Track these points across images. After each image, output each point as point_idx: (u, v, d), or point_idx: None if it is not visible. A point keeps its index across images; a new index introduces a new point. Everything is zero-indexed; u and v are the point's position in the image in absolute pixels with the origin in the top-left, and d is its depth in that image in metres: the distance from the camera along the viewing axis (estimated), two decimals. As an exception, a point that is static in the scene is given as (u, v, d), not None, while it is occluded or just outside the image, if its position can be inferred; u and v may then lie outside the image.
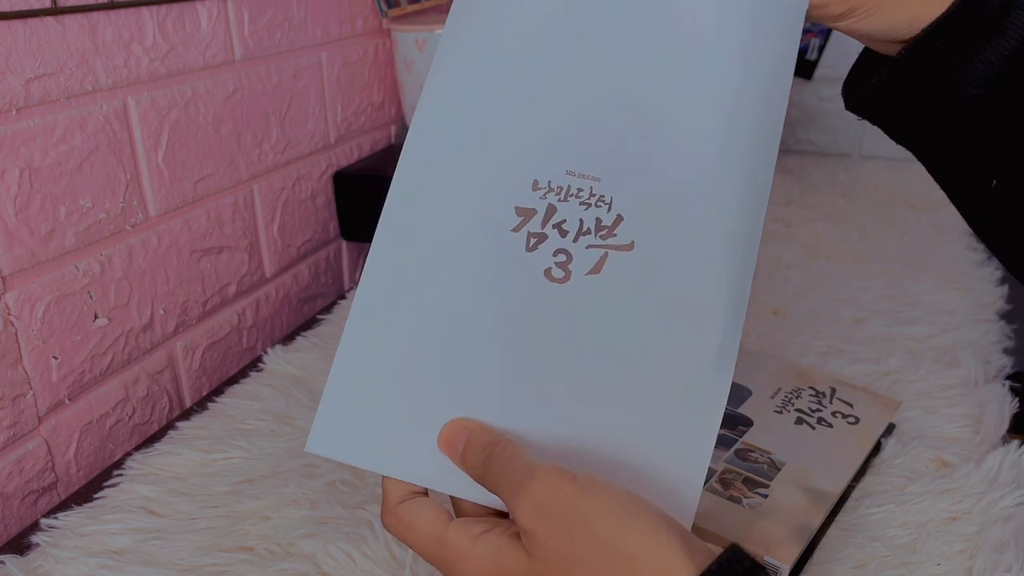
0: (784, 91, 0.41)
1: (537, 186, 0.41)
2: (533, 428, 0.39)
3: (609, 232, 0.40)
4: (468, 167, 0.42)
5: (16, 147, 0.59)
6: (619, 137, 0.41)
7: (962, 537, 0.50)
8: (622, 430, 0.39)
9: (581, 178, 0.41)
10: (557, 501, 0.33)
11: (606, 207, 0.40)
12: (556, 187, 0.41)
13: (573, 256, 0.40)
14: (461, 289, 0.40)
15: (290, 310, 0.92)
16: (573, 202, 0.40)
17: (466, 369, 0.40)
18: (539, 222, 0.40)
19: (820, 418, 0.59)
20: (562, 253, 0.40)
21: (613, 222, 0.40)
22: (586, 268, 0.40)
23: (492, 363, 0.40)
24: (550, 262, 0.40)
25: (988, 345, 0.72)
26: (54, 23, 0.60)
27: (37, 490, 0.63)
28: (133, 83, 0.68)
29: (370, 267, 0.42)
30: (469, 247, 0.41)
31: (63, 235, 0.63)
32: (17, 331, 0.60)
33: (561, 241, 0.40)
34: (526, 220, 0.40)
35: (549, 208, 0.40)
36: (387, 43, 1.04)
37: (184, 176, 0.74)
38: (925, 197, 1.10)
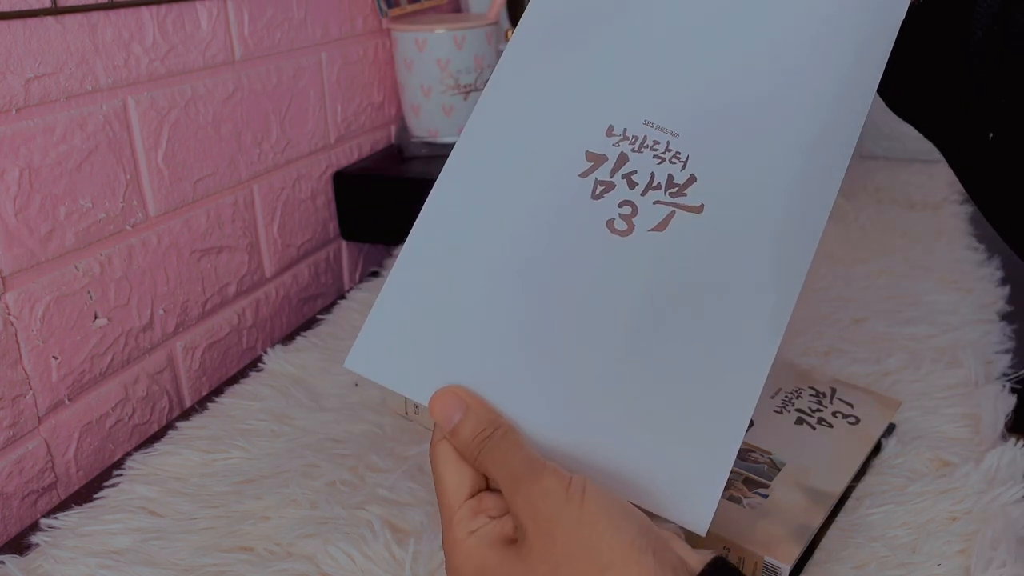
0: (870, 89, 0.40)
1: (612, 132, 0.40)
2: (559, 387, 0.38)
3: (680, 191, 0.39)
4: (545, 106, 0.41)
5: (16, 147, 0.59)
6: (706, 98, 0.40)
7: (962, 537, 0.50)
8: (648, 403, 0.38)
9: (659, 131, 0.39)
10: (549, 504, 0.34)
11: (680, 164, 0.39)
12: (631, 136, 0.39)
13: (639, 209, 0.39)
14: (520, 229, 0.40)
15: (290, 310, 0.92)
16: (647, 154, 0.39)
17: (511, 315, 0.39)
18: (608, 170, 0.39)
19: (820, 418, 0.59)
20: (627, 205, 0.39)
21: (686, 181, 0.39)
22: (651, 224, 0.38)
23: (539, 312, 0.39)
24: (614, 213, 0.39)
25: (988, 345, 0.72)
26: (54, 23, 0.60)
27: (37, 490, 0.63)
28: (133, 83, 0.68)
29: (435, 193, 0.41)
30: (533, 187, 0.40)
31: (63, 235, 0.63)
32: (17, 331, 0.60)
33: (629, 193, 0.39)
34: (595, 166, 0.39)
35: (620, 156, 0.39)
36: (387, 43, 1.04)
37: (184, 176, 0.74)
38: (925, 197, 1.10)
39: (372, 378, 0.40)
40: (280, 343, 0.77)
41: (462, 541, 0.36)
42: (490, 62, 1.00)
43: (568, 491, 0.34)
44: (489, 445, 0.36)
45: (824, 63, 0.40)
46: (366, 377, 0.40)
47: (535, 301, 0.39)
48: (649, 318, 0.38)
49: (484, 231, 0.40)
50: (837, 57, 0.40)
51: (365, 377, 0.40)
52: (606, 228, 0.39)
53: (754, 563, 0.48)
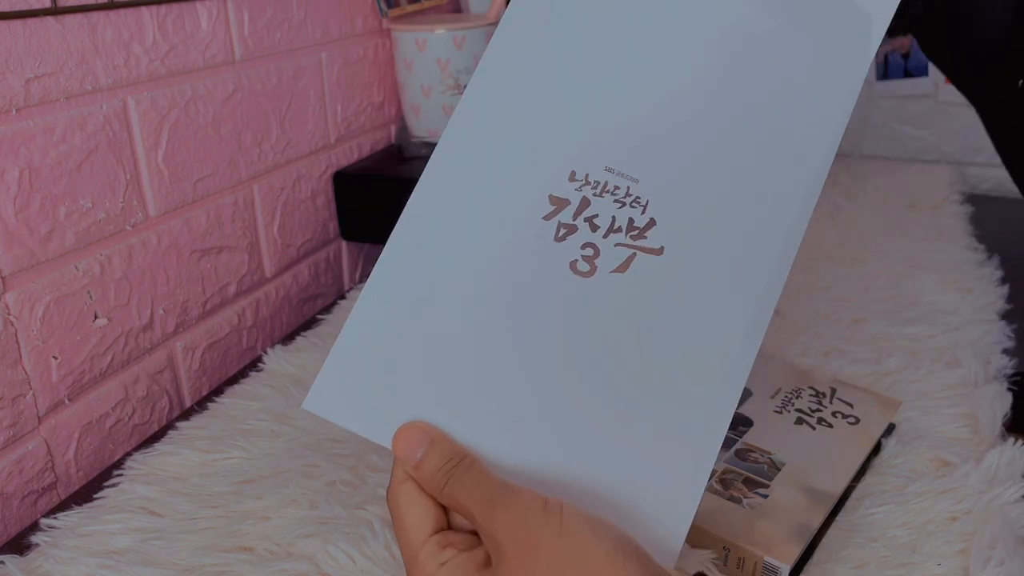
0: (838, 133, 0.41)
1: (574, 177, 0.41)
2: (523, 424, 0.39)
3: (640, 234, 0.40)
4: (508, 150, 0.42)
5: (16, 147, 0.59)
6: (666, 145, 0.41)
7: (962, 537, 0.50)
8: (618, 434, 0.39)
9: (620, 176, 0.41)
10: (530, 520, 0.34)
11: (640, 208, 0.40)
12: (593, 181, 0.41)
13: (600, 251, 0.40)
14: (484, 270, 0.40)
15: (290, 310, 0.92)
16: (608, 198, 0.40)
17: (476, 352, 0.39)
18: (571, 213, 0.40)
19: (820, 418, 0.59)
20: (590, 247, 0.40)
21: (646, 224, 0.40)
22: (612, 266, 0.40)
23: (503, 349, 0.39)
24: (577, 255, 0.40)
25: (988, 345, 0.72)
26: (54, 23, 0.60)
27: (37, 490, 0.63)
28: (133, 83, 0.68)
29: (397, 232, 0.41)
30: (497, 229, 0.41)
31: (63, 235, 0.63)
32: (17, 331, 0.60)
33: (591, 235, 0.40)
34: (558, 210, 0.41)
35: (583, 201, 0.40)
36: (387, 43, 1.04)
37: (184, 176, 0.74)
38: (925, 197, 1.10)
39: (333, 420, 0.40)
40: (280, 343, 0.77)
41: (433, 574, 0.36)
42: (490, 62, 1.00)
43: (546, 507, 0.34)
44: (457, 474, 0.36)
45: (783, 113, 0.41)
46: (327, 419, 0.40)
47: (499, 341, 0.40)
48: (612, 357, 0.39)
49: (448, 271, 0.41)
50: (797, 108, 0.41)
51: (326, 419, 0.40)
52: (569, 269, 0.40)
53: (754, 563, 0.48)
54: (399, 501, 0.38)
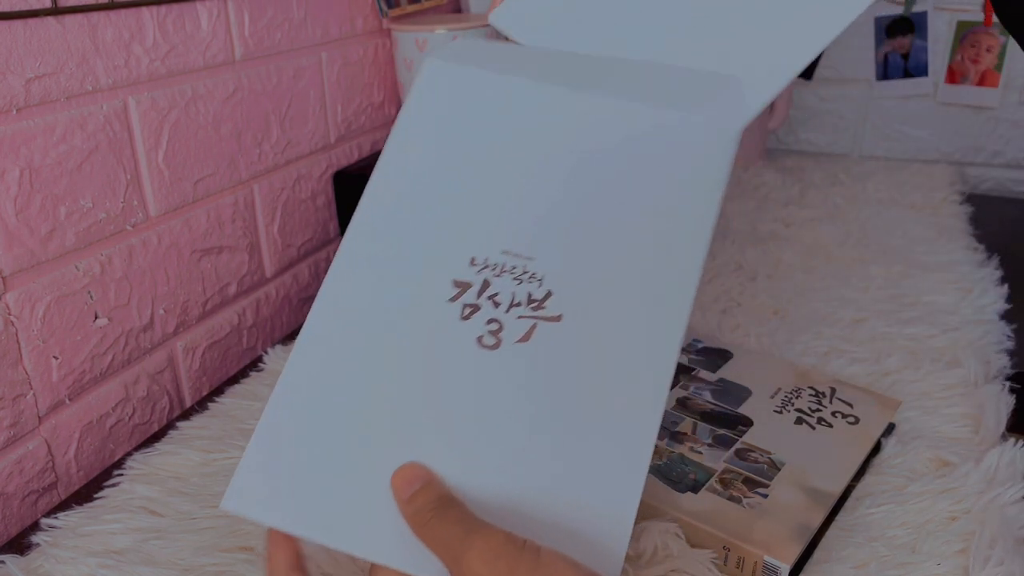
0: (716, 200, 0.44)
1: (474, 262, 0.44)
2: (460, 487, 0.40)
3: (539, 305, 0.43)
4: (411, 241, 0.45)
5: (16, 147, 0.59)
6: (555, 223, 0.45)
7: (962, 537, 0.50)
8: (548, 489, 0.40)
9: (515, 257, 0.45)
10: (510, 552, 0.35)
11: (537, 283, 0.44)
12: (492, 264, 0.44)
13: (504, 325, 0.43)
14: (396, 354, 0.43)
15: (290, 310, 0.92)
16: (506, 277, 0.44)
17: (395, 432, 0.41)
18: (474, 294, 0.44)
19: (820, 418, 0.59)
20: (494, 322, 0.43)
21: (543, 296, 0.43)
22: (516, 336, 0.43)
23: (422, 427, 0.41)
24: (483, 330, 0.43)
25: (988, 345, 0.72)
26: (54, 23, 0.60)
27: (37, 490, 0.63)
28: (133, 83, 0.68)
29: (310, 325, 0.44)
30: (406, 316, 0.43)
31: (63, 235, 0.63)
32: (17, 331, 0.60)
33: (494, 311, 0.43)
34: (462, 292, 0.44)
35: (484, 282, 0.44)
36: (387, 43, 1.04)
37: (184, 176, 0.74)
38: (925, 197, 1.10)
39: (255, 518, 0.41)
40: (280, 343, 0.77)
41: None
42: (490, 62, 1.00)
43: (525, 545, 0.35)
44: (440, 510, 0.38)
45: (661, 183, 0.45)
46: (250, 519, 0.41)
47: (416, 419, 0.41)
48: (525, 424, 0.41)
49: (361, 358, 0.43)
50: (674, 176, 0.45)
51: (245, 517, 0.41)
52: (476, 344, 0.43)
53: (754, 563, 0.48)
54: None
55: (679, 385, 0.63)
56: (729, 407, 0.60)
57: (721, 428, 0.58)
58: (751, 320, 0.77)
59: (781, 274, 0.88)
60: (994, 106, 1.25)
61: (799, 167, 1.26)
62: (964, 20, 1.23)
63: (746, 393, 0.62)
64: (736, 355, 0.67)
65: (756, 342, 0.74)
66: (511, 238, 0.45)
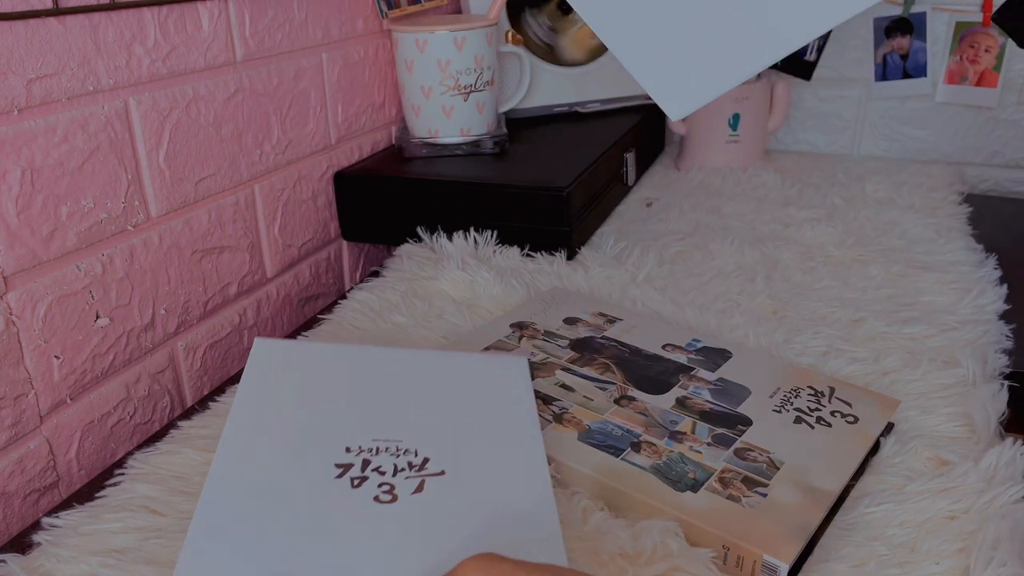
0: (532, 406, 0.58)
1: (350, 449, 0.52)
2: None
3: (422, 467, 0.51)
4: (284, 448, 0.51)
5: (18, 147, 0.59)
6: (415, 413, 0.56)
7: (961, 536, 0.50)
8: None
9: (386, 441, 0.53)
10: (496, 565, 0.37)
11: (412, 453, 0.52)
12: (366, 448, 0.52)
13: (396, 485, 0.49)
14: (296, 522, 0.46)
15: (291, 310, 0.92)
16: (384, 455, 0.52)
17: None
18: (359, 469, 0.50)
19: (819, 417, 0.59)
20: (385, 485, 0.49)
21: (422, 461, 0.52)
22: (410, 490, 0.49)
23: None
24: (376, 491, 0.49)
25: (986, 345, 0.72)
26: (56, 24, 0.61)
27: (39, 489, 0.63)
28: (134, 83, 0.68)
29: (201, 518, 0.47)
30: (299, 492, 0.48)
31: (65, 235, 0.63)
32: (19, 331, 0.60)
33: (381, 478, 0.50)
34: (346, 470, 0.50)
35: (364, 461, 0.51)
36: (387, 44, 1.04)
37: (185, 176, 0.74)
38: (924, 197, 1.10)
39: None
40: (281, 343, 0.77)
41: None
42: (490, 63, 1.01)
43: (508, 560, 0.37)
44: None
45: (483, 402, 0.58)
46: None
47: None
48: (433, 562, 0.45)
49: (260, 534, 0.46)
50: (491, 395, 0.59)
51: None
52: (374, 502, 0.48)
53: (753, 562, 0.48)
54: None
55: (678, 384, 0.63)
56: (728, 406, 0.60)
57: (720, 427, 0.58)
58: (750, 320, 0.77)
59: (780, 274, 0.88)
60: (993, 106, 1.25)
61: (798, 167, 1.26)
62: (963, 21, 1.24)
63: (745, 392, 0.62)
64: (735, 355, 0.67)
65: (755, 342, 0.74)
66: (377, 426, 0.54)
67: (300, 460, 0.50)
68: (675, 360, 0.67)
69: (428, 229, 0.92)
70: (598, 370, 0.65)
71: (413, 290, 0.83)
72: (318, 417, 0.54)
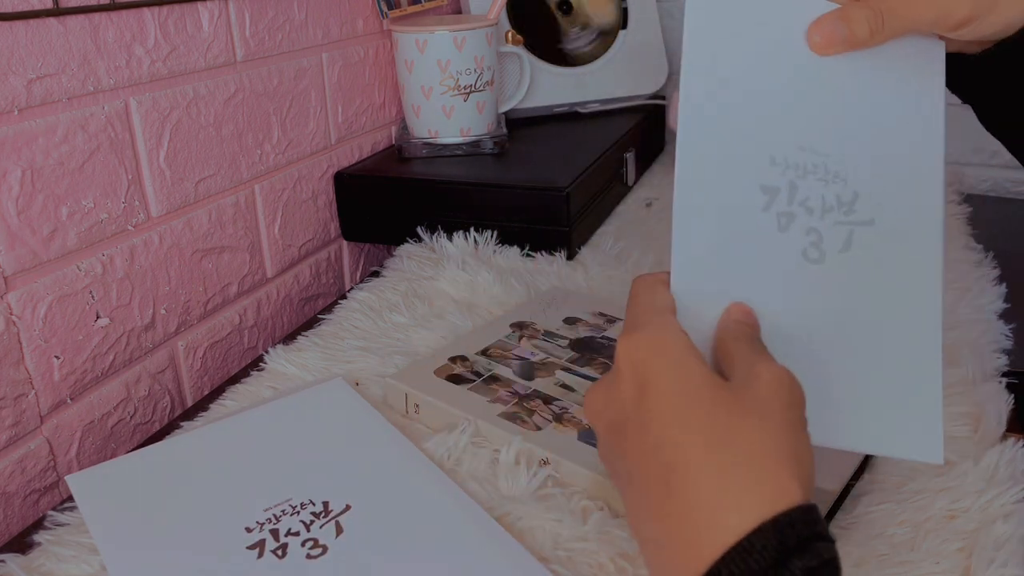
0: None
1: (250, 529, 0.49)
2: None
3: (326, 512, 0.49)
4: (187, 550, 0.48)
5: (18, 147, 0.59)
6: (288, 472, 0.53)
7: (961, 535, 0.50)
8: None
9: (279, 505, 0.50)
10: (785, 388, 0.37)
11: (311, 504, 0.50)
12: (264, 520, 0.49)
13: (318, 538, 0.48)
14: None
15: (291, 310, 0.92)
16: (286, 517, 0.49)
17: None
18: (273, 541, 0.48)
19: (819, 417, 0.59)
20: (309, 541, 0.47)
21: (324, 507, 0.50)
22: (332, 536, 0.48)
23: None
24: (304, 551, 0.47)
25: (986, 344, 0.72)
26: (56, 24, 0.61)
27: (39, 489, 0.63)
28: (135, 84, 0.68)
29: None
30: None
31: (65, 235, 0.63)
32: (19, 331, 0.60)
33: (300, 537, 0.48)
34: (261, 547, 0.48)
35: (272, 531, 0.48)
36: (387, 44, 1.04)
37: (186, 176, 0.74)
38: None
39: None
40: (281, 343, 0.77)
41: (672, 325, 0.40)
42: (490, 63, 1.01)
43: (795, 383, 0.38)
44: (750, 336, 0.41)
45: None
46: None
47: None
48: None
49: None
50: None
51: None
52: (307, 560, 0.47)
53: (753, 561, 0.48)
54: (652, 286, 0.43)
55: (679, 384, 0.63)
56: (729, 406, 0.60)
57: (721, 427, 0.58)
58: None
59: (780, 274, 0.88)
60: (993, 106, 1.25)
61: (798, 167, 1.26)
62: (963, 21, 1.23)
63: (746, 392, 0.62)
64: (736, 354, 0.67)
65: (755, 342, 0.74)
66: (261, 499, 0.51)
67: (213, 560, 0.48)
68: (675, 360, 0.67)
69: (428, 229, 0.92)
70: (598, 370, 0.65)
71: (413, 290, 0.83)
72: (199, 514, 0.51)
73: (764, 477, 0.34)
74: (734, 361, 0.39)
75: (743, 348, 0.40)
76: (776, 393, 0.37)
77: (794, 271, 0.43)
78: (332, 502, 0.51)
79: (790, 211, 0.42)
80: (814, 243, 0.42)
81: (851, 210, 0.43)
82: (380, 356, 0.71)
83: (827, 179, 0.43)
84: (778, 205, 0.43)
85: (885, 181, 0.44)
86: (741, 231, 0.43)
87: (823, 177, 0.43)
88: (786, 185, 0.43)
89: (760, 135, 0.43)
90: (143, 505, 0.53)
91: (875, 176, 0.44)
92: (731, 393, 0.37)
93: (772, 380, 0.37)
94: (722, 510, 0.33)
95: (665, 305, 0.41)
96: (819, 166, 0.43)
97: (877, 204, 0.43)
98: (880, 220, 0.43)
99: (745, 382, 0.37)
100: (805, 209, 0.42)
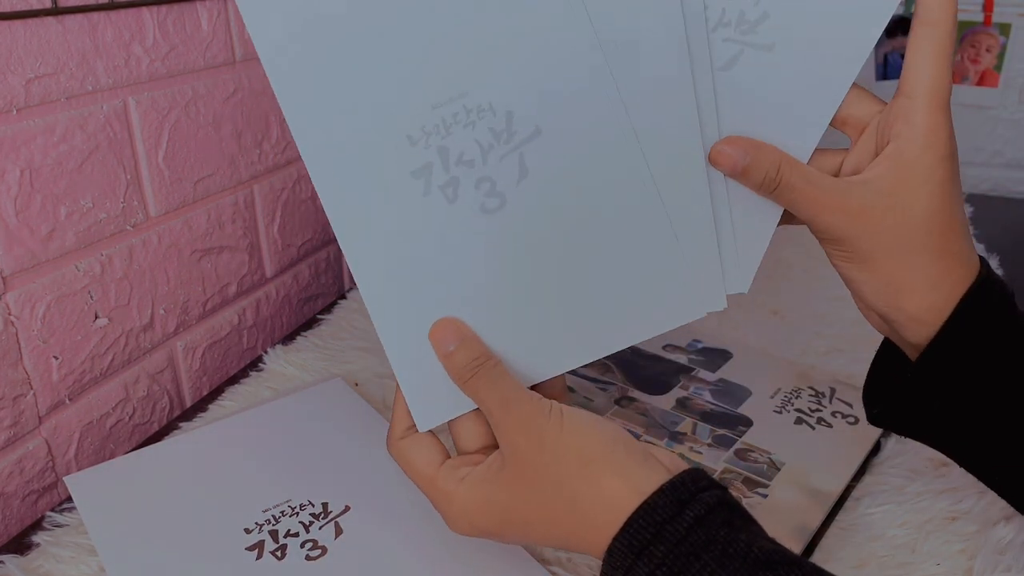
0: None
1: (249, 531, 0.49)
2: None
3: (325, 512, 0.49)
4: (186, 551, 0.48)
5: (17, 147, 0.59)
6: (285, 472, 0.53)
7: (961, 536, 0.50)
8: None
9: (278, 507, 0.50)
10: (538, 420, 0.39)
11: (310, 504, 0.51)
12: (263, 521, 0.49)
13: (317, 539, 0.48)
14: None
15: (290, 310, 0.92)
16: (285, 519, 0.49)
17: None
18: (272, 542, 0.48)
19: (820, 418, 0.59)
20: (308, 542, 0.47)
21: (323, 507, 0.50)
22: (332, 537, 0.47)
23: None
24: (303, 552, 0.47)
25: (987, 345, 0.72)
26: (54, 23, 0.61)
27: (38, 490, 0.63)
28: (133, 83, 0.68)
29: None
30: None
31: (63, 235, 0.63)
32: (18, 331, 0.60)
33: (300, 539, 0.47)
34: (260, 549, 0.47)
35: (271, 532, 0.48)
36: (387, 43, 1.04)
37: (184, 176, 0.74)
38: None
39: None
40: (281, 343, 0.77)
41: (455, 491, 0.41)
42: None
43: (550, 411, 0.39)
44: (481, 372, 0.41)
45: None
46: None
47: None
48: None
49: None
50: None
51: None
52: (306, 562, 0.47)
53: (753, 562, 0.48)
54: (403, 451, 0.43)
55: (679, 385, 0.63)
56: (729, 407, 0.60)
57: (721, 428, 0.58)
58: (751, 320, 0.77)
59: (781, 274, 0.88)
60: (993, 106, 1.25)
61: (799, 167, 1.26)
62: (964, 20, 1.23)
63: (746, 393, 0.62)
64: (736, 355, 0.67)
65: (756, 342, 0.74)
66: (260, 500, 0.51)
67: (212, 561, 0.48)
68: (675, 361, 0.67)
69: (428, 229, 0.91)
70: (598, 370, 0.65)
71: (413, 290, 0.83)
72: (198, 515, 0.51)
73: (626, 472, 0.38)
74: (492, 412, 0.41)
75: (486, 397, 0.41)
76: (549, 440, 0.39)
77: (484, 231, 0.39)
78: (331, 503, 0.51)
79: (452, 176, 0.38)
80: (488, 192, 0.38)
81: (511, 134, 0.38)
82: (380, 356, 0.71)
83: (473, 120, 0.37)
84: (437, 179, 0.38)
85: (536, 81, 0.38)
86: (412, 232, 0.39)
87: (467, 121, 0.37)
88: (435, 153, 0.38)
89: (383, 123, 0.38)
90: (142, 506, 0.53)
91: (522, 84, 0.38)
92: (527, 471, 0.39)
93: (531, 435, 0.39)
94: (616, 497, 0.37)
95: (421, 468, 0.42)
96: (458, 113, 0.37)
97: (537, 112, 0.38)
98: (547, 125, 0.38)
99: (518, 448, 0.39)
100: (465, 165, 0.38)
